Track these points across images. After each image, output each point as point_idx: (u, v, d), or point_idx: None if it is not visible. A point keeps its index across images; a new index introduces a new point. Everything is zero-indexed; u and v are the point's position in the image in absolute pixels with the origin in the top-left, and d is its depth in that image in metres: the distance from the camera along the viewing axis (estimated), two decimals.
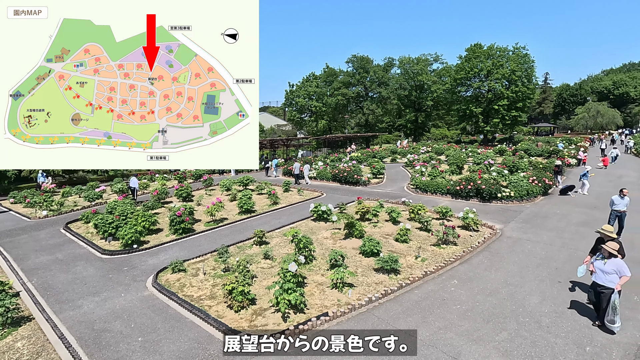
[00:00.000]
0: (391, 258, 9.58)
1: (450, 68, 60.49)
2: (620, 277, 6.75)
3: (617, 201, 11.78)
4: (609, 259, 6.92)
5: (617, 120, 66.89)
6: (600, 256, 7.10)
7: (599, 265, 7.00)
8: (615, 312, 6.66)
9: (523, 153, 33.71)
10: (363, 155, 34.60)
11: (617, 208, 11.73)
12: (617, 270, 6.78)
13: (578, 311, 7.69)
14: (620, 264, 6.83)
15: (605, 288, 6.82)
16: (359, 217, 14.62)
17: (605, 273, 6.85)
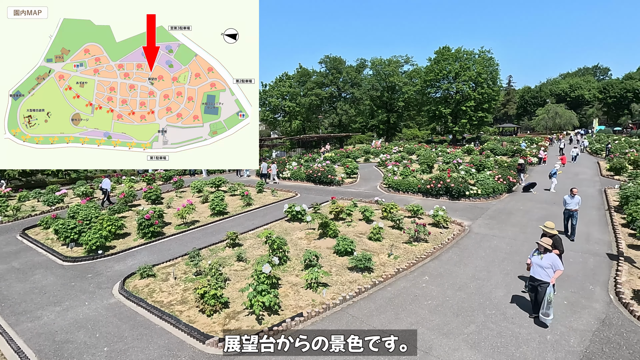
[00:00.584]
0: (365, 257, 9.70)
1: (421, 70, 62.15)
2: (555, 271, 6.98)
3: (568, 200, 12.02)
4: (545, 254, 7.12)
5: (574, 121, 71.23)
6: (537, 251, 7.27)
7: (536, 260, 7.18)
8: (549, 305, 6.85)
9: (489, 152, 35.18)
10: (337, 156, 34.85)
11: (568, 207, 11.99)
12: (552, 265, 6.98)
13: None
14: (555, 259, 7.06)
15: (542, 282, 7.00)
16: (333, 217, 14.71)
17: (542, 267, 7.02)
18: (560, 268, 7.02)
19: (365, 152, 38.38)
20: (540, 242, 7.24)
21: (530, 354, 6.34)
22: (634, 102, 77.61)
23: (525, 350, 6.45)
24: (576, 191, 12.14)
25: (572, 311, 7.72)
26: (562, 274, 7.16)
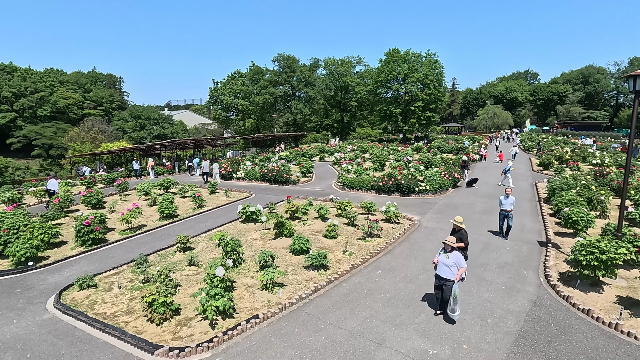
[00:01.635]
0: (320, 254, 9.79)
1: (372, 70, 63.95)
2: (459, 269, 7.12)
3: (503, 201, 11.98)
4: (451, 252, 7.24)
5: (509, 121, 77.60)
6: (444, 250, 7.37)
7: (442, 259, 7.26)
8: (455, 301, 7.00)
9: (436, 150, 37.21)
10: (292, 155, 34.77)
11: (504, 208, 11.97)
12: (457, 263, 7.14)
13: (481, 289, 8.74)
14: (459, 257, 7.23)
15: (447, 280, 7.09)
16: (288, 216, 14.66)
17: (448, 266, 7.11)
18: (463, 265, 7.20)
19: (320, 151, 38.71)
20: (446, 241, 7.36)
21: (473, 337, 6.81)
22: (559, 104, 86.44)
23: (469, 334, 6.92)
24: (510, 191, 12.15)
25: (509, 295, 8.42)
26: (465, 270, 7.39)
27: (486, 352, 6.39)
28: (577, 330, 7.03)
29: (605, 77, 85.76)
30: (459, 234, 8.61)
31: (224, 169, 25.53)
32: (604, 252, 8.14)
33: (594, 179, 20.15)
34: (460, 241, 8.35)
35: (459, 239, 8.37)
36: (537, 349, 6.45)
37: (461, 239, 8.46)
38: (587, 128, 70.39)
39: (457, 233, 8.65)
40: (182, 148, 40.42)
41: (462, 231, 8.63)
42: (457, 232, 8.66)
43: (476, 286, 8.88)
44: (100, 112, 71.36)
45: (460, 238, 8.47)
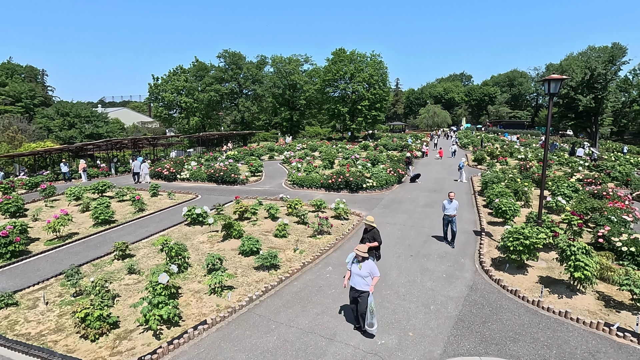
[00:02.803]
0: (270, 254, 9.69)
1: (320, 69, 64.54)
2: (373, 279, 6.67)
3: (447, 206, 11.35)
4: (363, 262, 6.69)
5: (448, 120, 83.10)
6: (356, 260, 6.78)
7: (355, 270, 6.71)
8: (372, 315, 6.61)
9: (382, 148, 38.67)
10: (240, 154, 33.95)
11: (447, 213, 11.33)
12: (371, 272, 6.63)
13: (424, 278, 9.27)
14: (372, 266, 6.71)
15: (362, 292, 6.62)
16: (237, 217, 14.31)
17: (361, 277, 6.62)
18: (377, 274, 6.71)
19: (269, 150, 38.27)
20: (357, 250, 6.74)
21: (418, 324, 7.20)
22: (490, 104, 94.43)
23: (414, 322, 7.30)
24: (453, 195, 11.50)
25: (449, 282, 9.03)
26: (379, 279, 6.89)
27: (429, 337, 6.79)
28: (506, 309, 7.75)
29: (527, 80, 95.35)
30: (371, 233, 8.53)
31: (167, 170, 24.17)
32: (527, 237, 9.06)
33: (519, 173, 22.32)
34: (374, 240, 8.37)
35: (372, 237, 8.40)
36: (473, 330, 7.00)
37: (374, 238, 8.43)
38: (513, 126, 77.80)
39: (369, 232, 8.57)
40: (119, 148, 37.48)
41: (374, 230, 8.56)
42: (370, 232, 8.57)
43: (420, 276, 9.40)
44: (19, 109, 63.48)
45: (373, 237, 8.44)
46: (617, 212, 12.59)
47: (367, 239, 8.49)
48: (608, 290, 8.49)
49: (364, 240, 8.50)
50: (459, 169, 23.32)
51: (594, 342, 6.64)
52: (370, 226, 8.58)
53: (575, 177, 21.23)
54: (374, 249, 8.25)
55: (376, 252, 8.48)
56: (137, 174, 24.24)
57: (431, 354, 6.30)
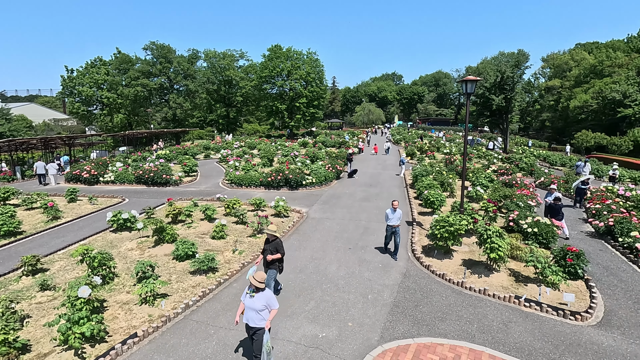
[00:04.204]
0: (207, 257, 9.30)
1: (256, 65, 63.36)
2: (270, 312, 5.54)
3: (390, 215, 10.27)
4: (259, 293, 5.50)
5: (382, 117, 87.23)
6: (250, 289, 5.58)
7: (248, 302, 5.49)
8: (269, 355, 5.59)
9: (321, 145, 39.29)
10: (173, 153, 31.97)
11: (391, 223, 10.27)
12: (268, 305, 5.49)
13: (362, 269, 9.65)
14: (269, 297, 5.54)
15: (258, 329, 5.50)
16: (170, 220, 13.49)
17: (256, 311, 5.43)
18: (275, 306, 5.56)
19: (205, 148, 36.64)
20: (252, 278, 5.53)
21: (357, 314, 7.48)
22: (419, 102, 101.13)
23: (353, 312, 7.57)
24: (397, 204, 10.38)
25: (385, 271, 9.52)
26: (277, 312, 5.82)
27: (368, 325, 7.10)
28: (435, 292, 8.40)
29: (450, 80, 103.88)
30: (274, 244, 7.67)
31: (87, 172, 21.83)
32: (452, 225, 9.91)
33: (445, 166, 24.29)
34: (276, 251, 7.60)
35: (274, 249, 7.60)
36: (407, 314, 7.48)
37: (277, 249, 7.63)
38: (440, 123, 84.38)
39: (271, 243, 7.70)
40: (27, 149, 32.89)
41: (277, 240, 7.76)
42: (272, 242, 7.71)
43: (358, 267, 9.76)
44: None
45: (276, 248, 7.63)
46: (523, 198, 14.35)
47: (269, 250, 7.59)
48: (518, 267, 9.65)
49: (265, 252, 7.65)
50: (401, 164, 24.72)
51: (506, 314, 7.52)
52: (273, 236, 7.73)
53: (491, 169, 23.75)
54: (277, 261, 7.66)
55: (279, 264, 7.76)
56: (42, 176, 22.19)
57: (369, 341, 6.59)
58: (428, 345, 6.48)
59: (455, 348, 6.40)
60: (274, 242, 7.69)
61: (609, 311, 7.72)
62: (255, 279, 5.52)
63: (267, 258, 7.55)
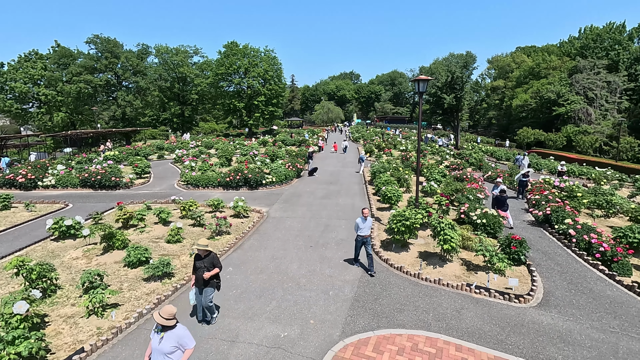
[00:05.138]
0: (162, 262, 8.88)
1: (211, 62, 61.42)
2: (185, 352, 4.57)
3: (361, 225, 9.29)
4: (168, 332, 4.51)
5: (341, 116, 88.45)
6: (157, 328, 4.57)
7: (155, 344, 4.49)
8: None
9: (281, 143, 39.02)
10: (123, 154, 30.09)
11: (362, 233, 9.30)
12: (180, 345, 4.53)
13: (323, 266, 9.73)
14: (182, 335, 4.56)
15: None
16: (121, 225, 12.71)
17: (165, 354, 4.43)
18: (190, 345, 4.60)
19: (158, 149, 34.90)
20: (157, 316, 4.49)
21: (318, 311, 7.53)
22: (376, 101, 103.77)
23: (315, 309, 7.61)
24: (367, 212, 9.42)
25: (345, 267, 9.67)
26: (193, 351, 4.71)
27: (329, 321, 7.18)
28: (394, 285, 8.68)
29: (405, 80, 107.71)
30: (208, 260, 6.76)
31: (23, 176, 19.92)
32: (408, 219, 10.29)
33: (401, 162, 25.15)
34: (213, 267, 6.73)
35: (210, 264, 6.71)
36: (367, 308, 7.66)
37: (213, 264, 6.77)
38: (396, 121, 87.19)
39: (205, 259, 6.77)
40: None
41: (212, 255, 6.86)
42: (207, 258, 6.78)
43: (319, 265, 9.82)
44: None
45: (212, 263, 6.76)
46: (473, 191, 15.25)
47: (203, 268, 6.67)
48: (469, 257, 10.25)
49: (199, 270, 6.69)
50: (360, 161, 25.19)
51: (459, 301, 7.96)
52: (206, 251, 6.83)
53: (444, 165, 24.97)
54: (214, 278, 6.81)
55: (217, 281, 6.90)
56: None
57: (331, 337, 6.66)
58: (387, 336, 6.68)
59: (413, 337, 6.66)
60: (208, 257, 6.81)
61: (548, 292, 8.45)
62: (161, 316, 4.44)
63: (205, 276, 6.64)
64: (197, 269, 6.79)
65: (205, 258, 6.83)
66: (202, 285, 6.77)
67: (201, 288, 6.81)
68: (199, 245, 6.86)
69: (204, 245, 6.83)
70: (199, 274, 6.73)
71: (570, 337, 6.80)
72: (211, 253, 6.94)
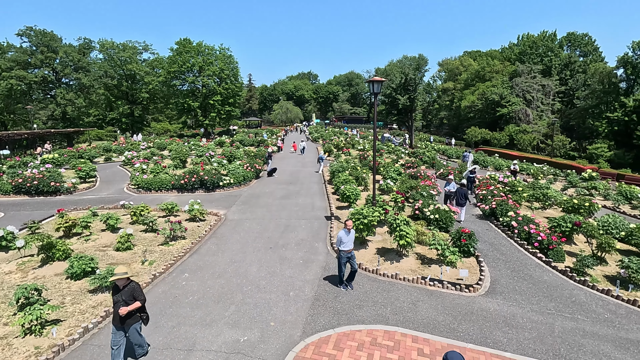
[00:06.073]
0: (110, 272, 8.31)
1: (163, 60, 58.62)
2: None
3: (344, 238, 8.21)
4: None
5: (300, 116, 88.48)
6: None
7: None
8: None
9: (239, 144, 38.19)
10: (64, 157, 27.74)
11: (346, 248, 8.22)
12: None
13: (283, 267, 9.67)
14: None
15: None
16: (63, 234, 11.74)
17: None
18: None
19: (105, 150, 32.63)
20: None
21: (279, 313, 7.47)
22: (334, 101, 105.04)
23: (275, 311, 7.54)
24: (351, 225, 8.49)
25: (306, 267, 9.68)
26: None
27: (290, 322, 7.14)
28: (354, 282, 8.83)
29: (362, 81, 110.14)
30: (128, 291, 5.62)
31: None
32: (366, 217, 10.53)
33: (359, 162, 25.68)
34: (134, 299, 5.63)
35: (129, 296, 5.60)
36: (327, 306, 7.73)
37: (134, 296, 5.65)
38: (354, 121, 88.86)
39: (124, 290, 5.63)
40: None
41: (132, 285, 5.74)
42: (125, 289, 5.64)
43: (280, 266, 9.75)
44: None
45: (132, 295, 5.64)
46: (427, 188, 15.96)
47: (121, 301, 5.55)
48: (423, 251, 10.71)
49: (117, 304, 5.57)
50: (319, 161, 25.30)
51: (415, 294, 8.29)
52: (124, 280, 5.68)
53: (399, 163, 25.88)
54: (138, 311, 5.75)
55: (142, 314, 5.84)
56: None
57: (292, 338, 6.63)
58: (347, 333, 6.79)
59: (372, 332, 6.83)
60: (127, 288, 5.65)
61: (494, 281, 9.07)
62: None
63: (120, 312, 5.42)
64: (115, 304, 5.61)
65: (124, 289, 5.63)
66: (121, 323, 5.57)
67: (119, 326, 5.59)
68: (116, 275, 5.62)
69: (122, 273, 5.63)
70: (116, 310, 5.54)
71: (514, 320, 7.35)
72: (130, 282, 5.74)
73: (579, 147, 51.23)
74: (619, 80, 49.48)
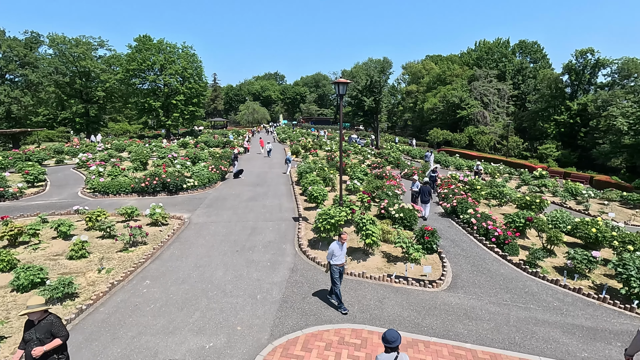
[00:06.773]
0: (62, 282, 7.78)
1: (121, 57, 55.75)
2: None
3: (337, 251, 7.64)
4: None
5: (267, 116, 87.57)
6: None
7: None
8: None
9: (204, 145, 37.14)
10: (8, 159, 25.61)
11: (338, 262, 7.63)
12: None
13: (250, 270, 9.52)
14: None
15: None
16: (7, 244, 10.83)
17: None
18: None
19: (57, 152, 30.52)
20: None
21: (246, 316, 7.34)
22: (302, 102, 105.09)
23: (242, 315, 7.40)
24: (346, 237, 7.85)
25: (273, 269, 9.59)
26: None
27: (257, 325, 7.04)
28: (322, 282, 8.87)
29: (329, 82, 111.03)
30: (44, 327, 4.56)
31: None
32: (333, 217, 10.62)
33: (327, 162, 25.84)
34: (51, 337, 4.57)
35: (46, 334, 4.53)
36: (295, 308, 7.70)
37: (52, 333, 4.58)
38: (322, 122, 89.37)
39: (39, 326, 4.56)
40: None
41: (49, 318, 4.66)
42: (42, 324, 4.57)
43: (246, 269, 9.58)
44: None
45: (50, 331, 4.57)
46: (392, 188, 16.36)
47: (35, 339, 4.49)
48: (389, 249, 10.96)
49: (28, 344, 4.48)
50: (287, 162, 25.12)
51: (381, 292, 8.46)
52: (40, 313, 4.61)
53: (366, 163, 26.34)
54: (56, 352, 4.63)
55: (62, 354, 4.73)
56: None
57: (259, 342, 6.54)
58: (315, 333, 6.80)
59: (339, 331, 6.89)
60: (44, 323, 4.59)
61: (455, 275, 9.46)
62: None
63: (34, 353, 4.36)
64: (26, 342, 4.51)
65: (39, 324, 4.56)
66: None
67: None
68: (29, 307, 4.51)
69: (37, 305, 4.54)
70: (29, 350, 4.43)
71: (474, 313, 7.71)
72: (48, 315, 4.67)
73: (530, 148, 54.81)
74: (564, 86, 53.44)
